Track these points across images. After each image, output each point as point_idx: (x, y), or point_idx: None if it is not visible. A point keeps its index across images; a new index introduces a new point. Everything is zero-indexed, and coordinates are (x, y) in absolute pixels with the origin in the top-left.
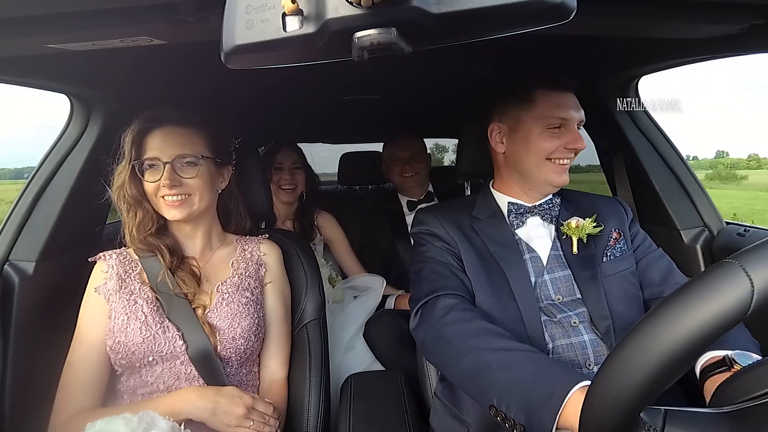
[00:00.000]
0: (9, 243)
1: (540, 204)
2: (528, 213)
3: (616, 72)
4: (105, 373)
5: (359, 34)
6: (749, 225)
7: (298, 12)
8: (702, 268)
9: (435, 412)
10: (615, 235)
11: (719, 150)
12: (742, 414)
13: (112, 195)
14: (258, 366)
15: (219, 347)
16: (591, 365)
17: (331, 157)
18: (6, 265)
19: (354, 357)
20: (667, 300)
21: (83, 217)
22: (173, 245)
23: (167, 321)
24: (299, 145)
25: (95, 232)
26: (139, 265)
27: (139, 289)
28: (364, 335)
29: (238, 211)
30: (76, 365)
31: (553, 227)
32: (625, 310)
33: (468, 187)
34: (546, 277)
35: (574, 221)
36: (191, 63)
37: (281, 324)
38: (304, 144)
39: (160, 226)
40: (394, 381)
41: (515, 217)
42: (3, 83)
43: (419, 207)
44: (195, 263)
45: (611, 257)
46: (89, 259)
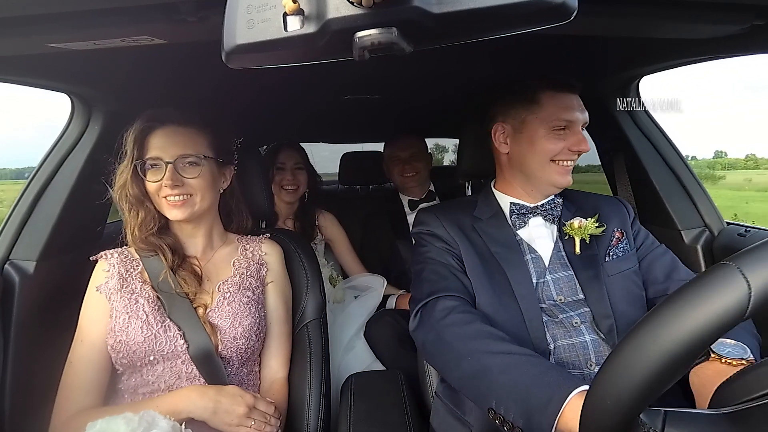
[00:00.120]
0: (9, 242)
1: (542, 204)
2: (530, 213)
3: (616, 72)
4: (106, 372)
5: (360, 33)
6: (750, 225)
7: (299, 12)
8: (703, 268)
9: (436, 412)
10: (617, 235)
11: (718, 150)
12: (742, 415)
13: (113, 194)
14: (259, 365)
15: (220, 347)
16: (592, 365)
17: (332, 157)
18: (6, 265)
19: (354, 357)
20: (666, 302)
21: (84, 217)
22: (174, 244)
23: (168, 320)
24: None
25: (96, 231)
26: (141, 264)
27: (141, 288)
28: (364, 335)
29: (239, 211)
30: (77, 364)
31: (555, 227)
32: (628, 309)
33: (469, 187)
34: (548, 278)
35: (576, 222)
36: (192, 63)
37: (282, 323)
38: (305, 144)
39: (161, 225)
40: (394, 381)
41: (517, 218)
42: (4, 82)
43: (421, 206)
44: (196, 262)
45: (614, 257)
46: (90, 258)
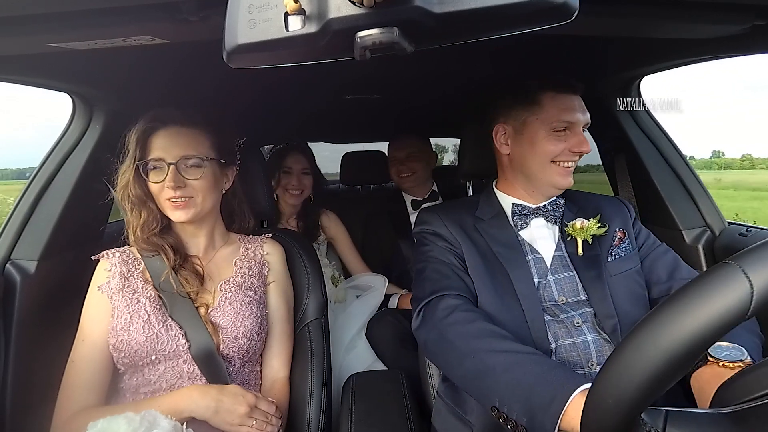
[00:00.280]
0: (11, 242)
1: (544, 205)
2: (532, 214)
3: (617, 72)
4: (107, 372)
5: (361, 33)
6: (751, 225)
7: (300, 11)
8: (704, 268)
9: (437, 411)
10: (619, 235)
11: (715, 150)
12: (743, 415)
13: (115, 194)
14: (260, 365)
15: (222, 346)
16: (593, 365)
17: (333, 157)
18: (8, 264)
19: (356, 356)
20: (668, 301)
21: (85, 216)
22: (176, 244)
23: (170, 320)
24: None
25: (97, 231)
26: (142, 264)
27: (142, 288)
28: (366, 335)
29: (241, 211)
30: (78, 364)
31: (557, 228)
32: (631, 309)
33: (470, 187)
34: (550, 278)
35: (579, 222)
36: (193, 62)
37: (284, 323)
38: None
39: (164, 225)
40: (395, 381)
41: (519, 219)
42: (5, 82)
43: (423, 206)
44: (198, 262)
45: (616, 257)
46: (92, 257)
